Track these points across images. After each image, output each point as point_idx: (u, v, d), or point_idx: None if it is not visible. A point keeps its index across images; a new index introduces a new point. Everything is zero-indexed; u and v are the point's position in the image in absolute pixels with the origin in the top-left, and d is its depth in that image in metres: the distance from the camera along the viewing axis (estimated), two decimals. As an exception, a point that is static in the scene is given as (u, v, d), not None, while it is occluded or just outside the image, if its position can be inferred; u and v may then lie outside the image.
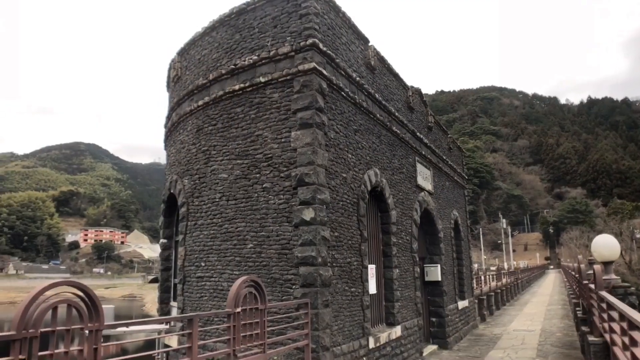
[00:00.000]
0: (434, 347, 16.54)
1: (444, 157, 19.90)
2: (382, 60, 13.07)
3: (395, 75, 14.14)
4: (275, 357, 7.86)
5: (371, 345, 10.60)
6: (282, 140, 9.55)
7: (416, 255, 14.87)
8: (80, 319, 4.56)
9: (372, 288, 11.36)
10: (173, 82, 13.82)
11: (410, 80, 15.81)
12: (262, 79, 10.07)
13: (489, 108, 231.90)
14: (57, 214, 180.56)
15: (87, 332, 4.59)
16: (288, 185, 9.29)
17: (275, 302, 8.88)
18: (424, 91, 17.57)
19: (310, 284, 8.65)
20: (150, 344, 25.17)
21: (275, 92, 9.89)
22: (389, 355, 11.58)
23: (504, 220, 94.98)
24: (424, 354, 14.64)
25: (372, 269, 11.48)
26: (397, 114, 13.72)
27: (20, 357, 3.97)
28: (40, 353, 4.16)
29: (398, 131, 13.83)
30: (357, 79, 11.11)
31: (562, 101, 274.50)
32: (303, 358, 8.30)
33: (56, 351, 4.31)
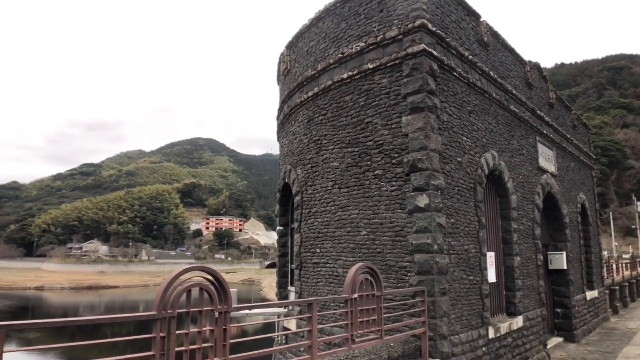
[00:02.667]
0: (559, 339, 15.53)
1: (568, 136, 18.43)
2: (495, 35, 12.35)
3: (511, 51, 13.30)
4: (391, 344, 7.84)
5: (491, 335, 10.19)
6: (393, 126, 9.41)
7: (539, 242, 13.98)
8: (210, 301, 4.86)
9: (492, 276, 10.89)
10: (283, 75, 14.19)
11: (526, 54, 14.77)
12: (370, 65, 9.98)
13: (617, 79, 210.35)
14: (181, 204, 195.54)
15: (216, 313, 4.88)
16: (400, 171, 9.14)
17: (391, 289, 8.84)
18: (542, 65, 16.36)
19: (426, 271, 8.48)
20: (268, 327, 26.42)
21: (384, 78, 9.75)
22: (509, 346, 11.06)
23: (639, 203, 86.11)
24: (548, 347, 13.78)
25: (491, 256, 10.99)
26: (514, 91, 12.91)
27: (161, 334, 4.33)
28: (177, 332, 4.51)
29: (516, 110, 13.03)
30: (470, 57, 10.60)
31: None
32: (420, 345, 8.20)
33: (191, 330, 4.65)
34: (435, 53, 9.33)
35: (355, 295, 6.77)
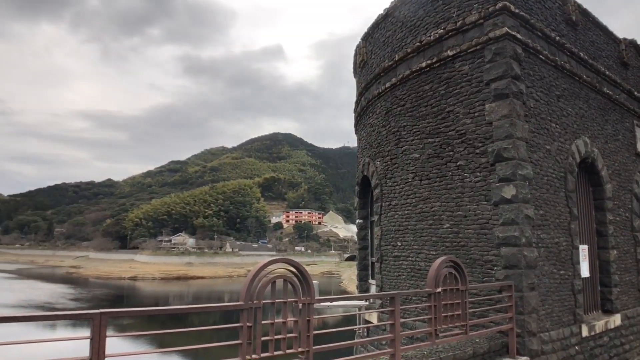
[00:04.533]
0: (665, 340, 14.33)
1: (671, 119, 16.90)
2: (584, 13, 11.55)
3: (603, 29, 12.38)
4: (477, 339, 7.64)
5: (584, 333, 9.66)
6: (476, 114, 9.11)
7: (638, 234, 13.00)
8: (294, 293, 4.96)
9: (585, 271, 10.29)
10: (360, 67, 14.15)
11: (620, 31, 13.66)
12: (449, 53, 9.72)
13: None
14: (262, 198, 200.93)
15: (300, 305, 4.98)
16: (485, 161, 8.84)
17: (476, 283, 8.63)
18: (639, 42, 15.08)
19: (514, 265, 8.18)
20: (348, 319, 26.60)
21: (464, 65, 9.45)
22: (606, 346, 10.39)
23: None
24: (652, 347, 12.78)
25: (584, 250, 10.39)
26: (607, 72, 12.04)
27: (248, 324, 4.49)
28: (263, 322, 4.65)
29: (610, 92, 12.15)
30: (557, 38, 10.01)
31: None
32: (507, 342, 7.95)
33: (276, 321, 4.78)
34: (519, 36, 8.92)
35: (439, 290, 6.69)
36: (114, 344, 3.83)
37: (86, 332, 3.79)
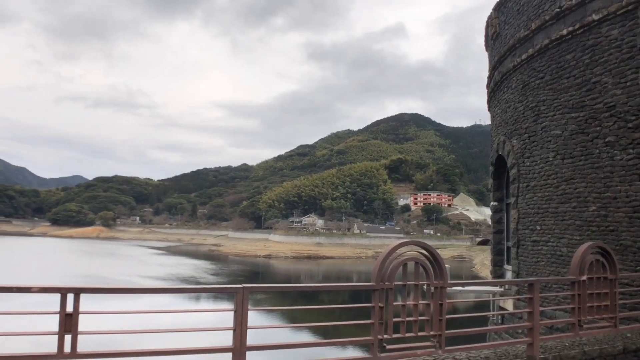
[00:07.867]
0: None
1: None
2: None
3: None
4: (628, 334, 6.97)
5: None
6: (627, 84, 8.27)
7: None
8: (425, 276, 4.92)
9: None
10: (492, 39, 13.49)
11: None
12: (594, 17, 8.90)
13: None
14: (389, 180, 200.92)
15: (432, 288, 4.92)
16: (638, 136, 8.04)
17: (627, 272, 7.95)
18: None
19: (676, 253, 7.29)
20: (479, 305, 25.75)
21: (613, 29, 8.61)
22: None
23: None
24: None
25: None
26: None
27: (380, 305, 4.55)
28: (394, 303, 4.68)
29: None
30: None
31: None
32: (667, 340, 7.09)
33: (407, 303, 4.78)
34: (684, -11, 7.81)
35: (584, 277, 6.25)
36: (250, 317, 4.14)
37: (224, 305, 4.11)
